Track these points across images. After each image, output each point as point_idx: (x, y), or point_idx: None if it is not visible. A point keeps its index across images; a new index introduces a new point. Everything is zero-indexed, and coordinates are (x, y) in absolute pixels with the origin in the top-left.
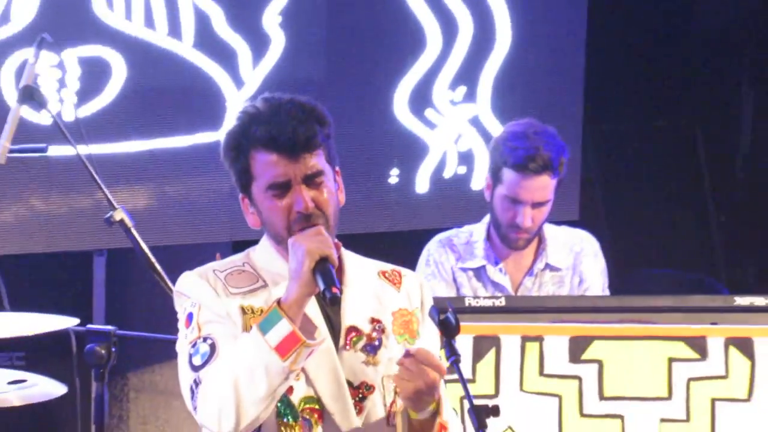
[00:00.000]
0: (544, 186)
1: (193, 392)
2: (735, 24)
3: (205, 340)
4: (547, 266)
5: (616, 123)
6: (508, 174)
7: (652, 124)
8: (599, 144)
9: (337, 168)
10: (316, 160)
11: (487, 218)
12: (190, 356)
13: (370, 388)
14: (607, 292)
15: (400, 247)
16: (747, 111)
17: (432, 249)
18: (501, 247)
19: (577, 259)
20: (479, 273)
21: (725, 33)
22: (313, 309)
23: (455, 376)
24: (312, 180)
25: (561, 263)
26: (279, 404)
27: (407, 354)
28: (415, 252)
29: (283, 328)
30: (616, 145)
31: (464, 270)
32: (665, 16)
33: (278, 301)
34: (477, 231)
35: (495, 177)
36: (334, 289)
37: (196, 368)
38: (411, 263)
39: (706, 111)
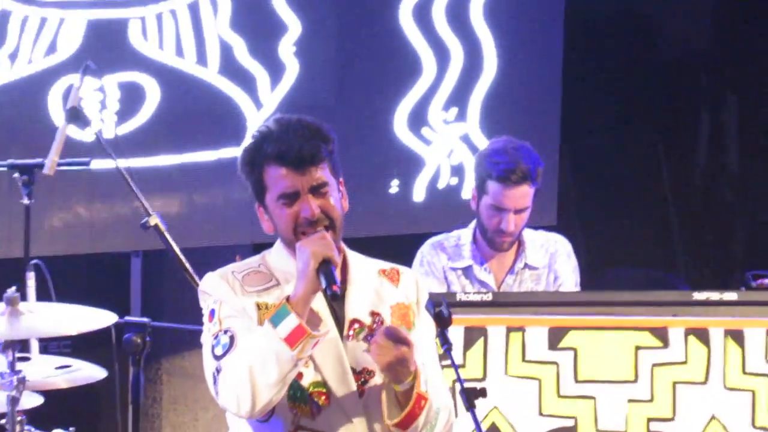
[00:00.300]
0: (524, 194)
1: (215, 378)
2: (692, 53)
3: (225, 332)
4: (526, 266)
5: (588, 139)
6: (492, 185)
7: (620, 140)
8: (574, 158)
9: (341, 179)
10: (321, 173)
11: (473, 224)
12: (213, 347)
13: (371, 373)
14: (578, 288)
15: (398, 249)
16: (703, 129)
17: (425, 251)
18: (486, 249)
19: (552, 259)
20: (467, 272)
21: (684, 61)
22: (320, 304)
23: (449, 362)
24: (318, 190)
25: (538, 263)
26: (290, 389)
27: (380, 332)
28: (412, 253)
29: (291, 321)
30: (589, 159)
31: (453, 269)
32: (631, 45)
33: (287, 298)
34: (464, 235)
35: (480, 189)
36: (335, 287)
37: (217, 357)
38: (408, 263)
39: (667, 129)
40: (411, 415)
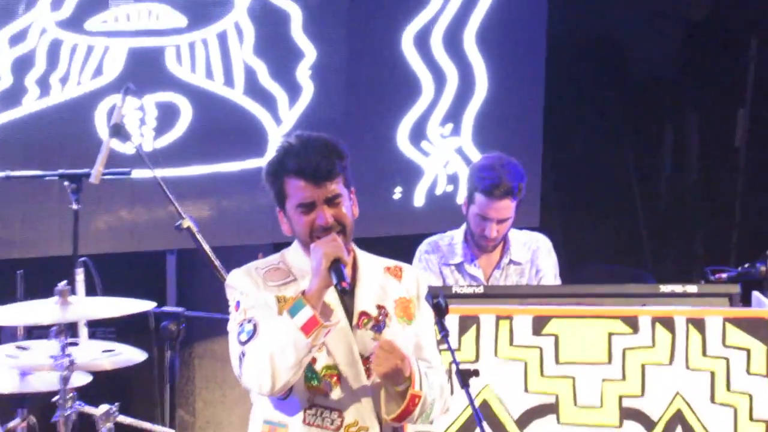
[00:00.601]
0: (506, 207)
1: (240, 362)
2: (657, 77)
3: (249, 321)
4: (511, 261)
5: (567, 151)
6: (479, 197)
7: (595, 151)
8: (555, 167)
9: (353, 188)
10: (335, 186)
11: (464, 226)
12: (238, 334)
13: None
14: (558, 281)
15: (401, 248)
16: (667, 142)
17: (423, 249)
18: (476, 246)
19: (534, 255)
20: (459, 267)
21: (651, 83)
22: (332, 297)
23: (446, 347)
24: (332, 201)
25: (521, 258)
26: (306, 371)
27: (379, 344)
28: (413, 251)
29: (306, 313)
30: (568, 168)
31: (447, 265)
32: (605, 69)
33: (303, 292)
34: (457, 235)
35: (469, 199)
36: (344, 284)
37: (242, 343)
38: (409, 260)
39: (636, 142)
40: (405, 412)
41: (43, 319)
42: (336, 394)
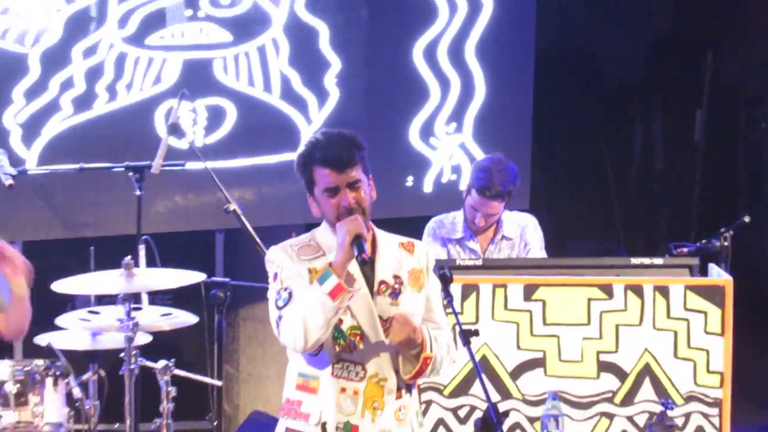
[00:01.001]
0: (494, 207)
1: (277, 323)
2: (628, 82)
3: (285, 290)
4: (503, 237)
5: (553, 145)
6: (474, 194)
7: (576, 145)
8: (542, 158)
9: (370, 176)
10: (356, 173)
11: (464, 209)
12: (276, 300)
13: (394, 321)
14: (544, 252)
15: (413, 227)
16: (637, 139)
17: (431, 226)
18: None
19: (522, 231)
20: (460, 242)
21: (623, 88)
22: (355, 269)
23: (451, 310)
24: (353, 185)
25: (512, 234)
26: (334, 331)
27: (395, 317)
28: (423, 230)
29: (333, 281)
30: (553, 159)
31: (450, 240)
32: (584, 76)
33: (330, 264)
34: (458, 215)
35: (467, 191)
36: (363, 255)
37: (279, 308)
38: (420, 237)
39: (610, 138)
40: (420, 371)
41: (111, 288)
42: (359, 350)
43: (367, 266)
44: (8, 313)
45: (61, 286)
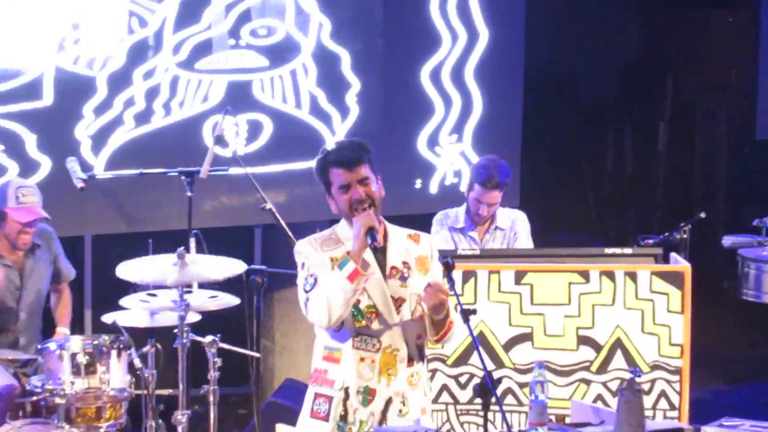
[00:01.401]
0: (495, 196)
1: (305, 305)
2: (601, 100)
3: (311, 276)
4: (497, 228)
5: (539, 154)
6: (476, 187)
7: (557, 154)
8: (530, 163)
9: (379, 176)
10: (364, 171)
11: (466, 204)
12: (304, 285)
13: (403, 300)
14: (530, 241)
15: (421, 222)
16: (610, 146)
17: (438, 218)
18: (473, 219)
19: (513, 223)
20: (462, 231)
21: (597, 105)
22: (370, 257)
23: (453, 293)
24: (362, 182)
25: (504, 225)
26: (353, 310)
27: (429, 285)
28: (430, 223)
29: (350, 267)
30: (539, 164)
31: (454, 229)
32: (563, 94)
33: (348, 252)
34: (461, 210)
35: (470, 187)
36: (375, 243)
37: (307, 291)
38: (428, 229)
39: (587, 148)
40: (445, 333)
41: (166, 274)
42: (375, 325)
43: (380, 254)
44: None
45: (124, 272)
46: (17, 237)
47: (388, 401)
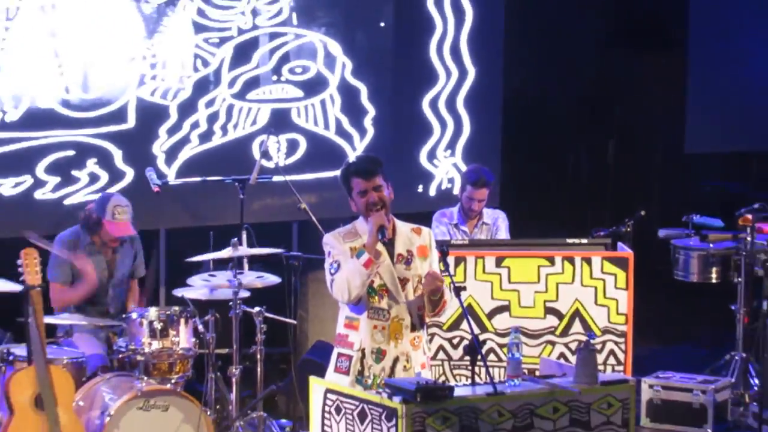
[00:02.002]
0: (483, 193)
1: (331, 285)
2: (564, 121)
3: (335, 262)
4: (483, 223)
5: (515, 163)
6: (468, 187)
7: (530, 165)
8: (508, 173)
9: (390, 183)
10: (378, 180)
11: (458, 205)
12: (329, 269)
13: (407, 280)
14: (508, 234)
15: (422, 218)
16: (570, 160)
17: (436, 216)
18: (465, 216)
19: (495, 220)
20: (456, 226)
21: (559, 126)
22: (382, 247)
23: (447, 274)
24: (376, 188)
25: (488, 221)
26: (368, 289)
27: (428, 274)
28: (429, 219)
29: (365, 256)
30: (515, 174)
31: (449, 225)
32: (533, 118)
33: (363, 245)
34: (455, 209)
35: (462, 188)
36: (384, 239)
37: (332, 274)
38: (427, 224)
39: (553, 159)
40: (440, 310)
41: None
42: (385, 300)
43: (389, 244)
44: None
45: (192, 258)
46: (108, 241)
47: (396, 359)
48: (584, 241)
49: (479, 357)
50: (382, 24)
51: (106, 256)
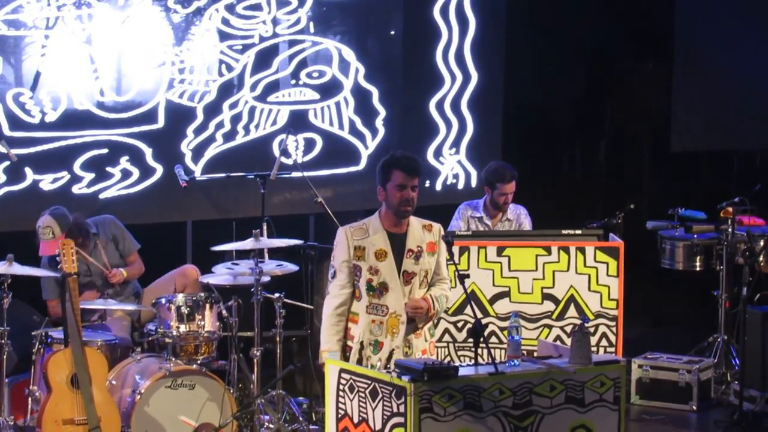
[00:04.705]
0: (513, 185)
1: (327, 288)
2: (559, 125)
3: (332, 267)
4: (507, 219)
5: (514, 161)
6: (497, 185)
7: (528, 164)
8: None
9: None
10: (417, 180)
11: (483, 199)
12: (329, 271)
13: (414, 275)
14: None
15: (429, 211)
16: (565, 160)
17: (462, 205)
18: (491, 210)
19: (517, 216)
20: (480, 219)
21: (555, 129)
22: (386, 243)
23: (452, 262)
24: (413, 187)
25: (511, 217)
26: (368, 286)
27: (406, 304)
28: (436, 213)
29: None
30: (517, 169)
31: (473, 217)
32: (533, 118)
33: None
34: (480, 203)
35: (491, 187)
36: None
37: (330, 278)
38: (434, 216)
39: (550, 160)
40: (428, 320)
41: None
42: (384, 297)
43: (401, 238)
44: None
45: (217, 247)
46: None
47: (392, 351)
48: (578, 232)
49: (482, 339)
50: (392, 32)
51: (83, 259)
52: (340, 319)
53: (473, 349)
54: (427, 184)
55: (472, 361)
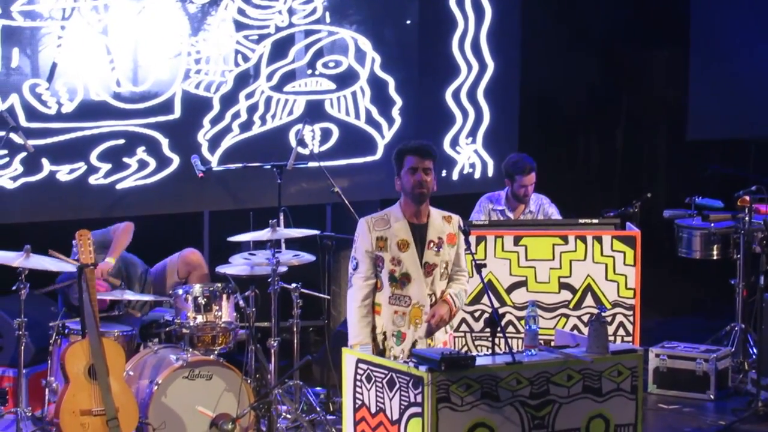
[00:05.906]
0: (533, 177)
1: (349, 281)
2: (577, 115)
3: (354, 258)
4: (529, 211)
5: (530, 150)
6: (517, 177)
7: (545, 153)
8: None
9: (435, 177)
10: (429, 163)
11: (504, 191)
12: (351, 264)
13: (435, 266)
14: (559, 217)
15: (446, 200)
16: (582, 147)
17: (485, 196)
18: (513, 202)
19: (539, 207)
20: (501, 212)
21: (573, 119)
22: (408, 234)
23: (469, 252)
24: (426, 171)
25: (533, 209)
26: (391, 277)
27: (429, 316)
28: (452, 203)
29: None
30: (534, 158)
31: (495, 210)
32: (550, 107)
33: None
34: (503, 194)
35: (511, 179)
36: None
37: (352, 270)
38: (450, 206)
39: (567, 148)
40: (451, 317)
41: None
42: (407, 288)
43: (422, 230)
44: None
45: (233, 238)
46: None
47: (414, 342)
48: (595, 221)
49: (499, 329)
50: (408, 22)
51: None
52: (368, 310)
53: (490, 339)
54: (444, 173)
55: (490, 351)
